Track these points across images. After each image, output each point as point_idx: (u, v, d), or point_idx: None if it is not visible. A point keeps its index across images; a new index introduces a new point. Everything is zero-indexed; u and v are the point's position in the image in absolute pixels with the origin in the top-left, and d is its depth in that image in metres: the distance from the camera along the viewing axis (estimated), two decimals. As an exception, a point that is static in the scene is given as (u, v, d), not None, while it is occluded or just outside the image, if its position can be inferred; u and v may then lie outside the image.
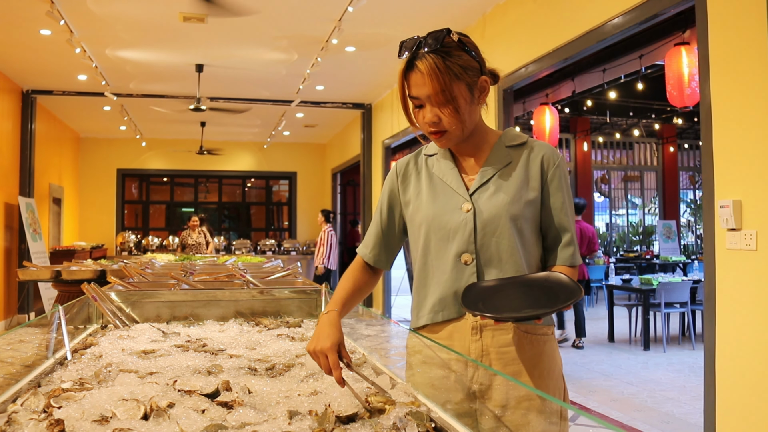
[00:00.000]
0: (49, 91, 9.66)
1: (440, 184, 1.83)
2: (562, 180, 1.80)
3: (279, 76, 8.94)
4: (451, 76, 1.65)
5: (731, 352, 3.33)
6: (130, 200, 14.98)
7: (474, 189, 1.78)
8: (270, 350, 1.99)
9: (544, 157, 1.80)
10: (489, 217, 1.74)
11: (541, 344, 1.77)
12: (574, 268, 1.79)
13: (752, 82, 3.21)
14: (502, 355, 1.73)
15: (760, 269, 3.15)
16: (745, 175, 3.25)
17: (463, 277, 1.75)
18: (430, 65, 1.63)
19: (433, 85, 1.64)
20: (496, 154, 1.81)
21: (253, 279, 3.50)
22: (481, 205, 1.75)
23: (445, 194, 1.81)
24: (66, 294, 4.87)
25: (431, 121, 1.70)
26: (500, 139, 1.83)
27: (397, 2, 6.17)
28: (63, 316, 2.09)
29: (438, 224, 1.79)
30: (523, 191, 1.76)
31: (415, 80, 1.68)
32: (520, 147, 1.82)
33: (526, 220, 1.76)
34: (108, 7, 6.24)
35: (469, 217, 1.75)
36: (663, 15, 4.03)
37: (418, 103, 1.71)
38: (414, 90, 1.69)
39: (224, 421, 1.26)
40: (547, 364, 1.77)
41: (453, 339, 1.78)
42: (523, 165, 1.79)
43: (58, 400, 1.35)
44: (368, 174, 10.91)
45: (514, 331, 1.74)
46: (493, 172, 1.78)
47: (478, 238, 1.74)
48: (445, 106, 1.67)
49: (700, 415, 3.67)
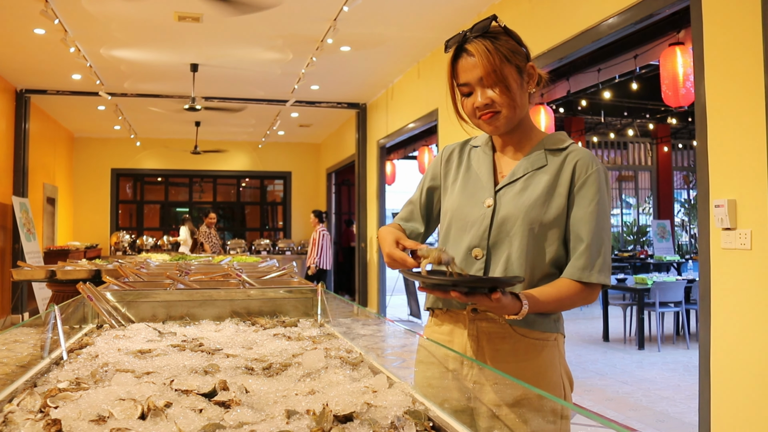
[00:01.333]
0: (43, 91, 9.64)
1: (474, 176, 1.85)
2: (591, 189, 1.73)
3: (274, 75, 8.94)
4: (501, 56, 1.68)
5: (726, 351, 3.35)
6: (125, 200, 14.96)
7: (501, 185, 1.78)
8: (266, 350, 1.98)
9: (578, 164, 1.76)
10: (506, 216, 1.73)
11: (540, 350, 1.75)
12: (583, 284, 1.71)
13: (747, 81, 3.22)
14: (496, 357, 1.74)
15: (754, 269, 3.16)
16: (740, 175, 3.27)
17: (470, 271, 1.75)
18: (481, 47, 1.67)
19: (485, 64, 1.67)
20: (534, 154, 1.80)
21: (248, 279, 3.49)
22: (503, 203, 1.75)
23: (475, 186, 1.83)
24: (61, 294, 4.85)
25: (483, 103, 1.71)
26: (543, 140, 1.82)
27: (392, 2, 6.18)
28: (58, 316, 2.08)
29: (459, 215, 1.81)
30: (548, 196, 1.74)
31: (464, 66, 1.71)
32: (560, 152, 1.79)
33: (546, 226, 1.73)
34: (102, 6, 6.23)
35: (488, 212, 1.76)
36: (658, 15, 4.04)
37: (467, 91, 1.73)
38: (463, 76, 1.72)
39: (222, 420, 1.25)
40: (542, 370, 1.74)
41: (453, 335, 1.80)
42: (556, 170, 1.76)
43: (54, 400, 1.34)
44: (363, 174, 10.90)
45: (510, 334, 1.73)
46: (525, 171, 1.77)
47: (492, 235, 1.74)
48: (497, 86, 1.69)
49: (695, 413, 3.68)
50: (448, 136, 7.17)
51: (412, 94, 8.70)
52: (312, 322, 2.56)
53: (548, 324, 1.77)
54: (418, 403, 1.41)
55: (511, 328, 1.73)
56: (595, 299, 1.80)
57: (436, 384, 1.78)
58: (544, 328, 1.76)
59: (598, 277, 1.70)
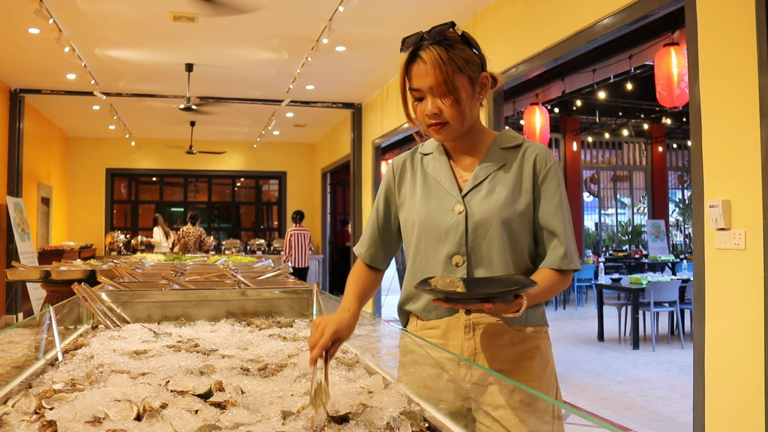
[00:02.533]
0: (37, 90, 9.61)
1: (434, 184, 1.83)
2: (553, 182, 1.77)
3: (269, 75, 8.92)
4: (454, 67, 1.65)
5: (720, 350, 3.35)
6: (119, 200, 14.92)
7: (467, 190, 1.77)
8: (262, 350, 1.98)
9: (537, 159, 1.78)
10: (480, 220, 1.73)
11: (534, 343, 1.76)
12: (561, 272, 1.75)
13: (741, 82, 3.23)
14: (495, 354, 1.73)
15: (749, 269, 3.17)
16: (735, 175, 3.28)
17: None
18: (434, 56, 1.64)
19: (436, 74, 1.64)
20: (491, 155, 1.80)
21: (243, 279, 3.49)
22: (473, 207, 1.74)
23: (439, 195, 1.80)
24: (55, 294, 4.84)
25: (432, 112, 1.69)
26: (496, 140, 1.83)
27: (388, 2, 6.17)
28: (53, 317, 2.08)
29: (430, 225, 1.78)
30: (515, 194, 1.75)
31: (417, 72, 1.68)
32: (515, 149, 1.81)
33: (518, 223, 1.75)
34: (97, 5, 6.21)
35: (461, 219, 1.74)
36: (652, 16, 4.05)
37: (418, 96, 1.71)
38: (416, 81, 1.69)
39: (218, 421, 1.25)
40: (540, 364, 1.77)
41: (448, 338, 1.78)
42: (517, 167, 1.78)
43: (49, 402, 1.35)
44: (358, 174, 10.90)
45: (507, 330, 1.74)
46: (487, 173, 1.77)
47: (470, 240, 1.74)
48: (447, 97, 1.67)
49: (690, 413, 3.69)
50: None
51: (407, 94, 8.68)
52: (307, 323, 2.57)
53: (538, 317, 1.80)
54: (413, 404, 1.41)
55: (507, 325, 1.74)
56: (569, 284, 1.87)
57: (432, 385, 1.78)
58: (537, 322, 1.79)
59: (576, 263, 1.77)
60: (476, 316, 1.75)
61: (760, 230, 3.11)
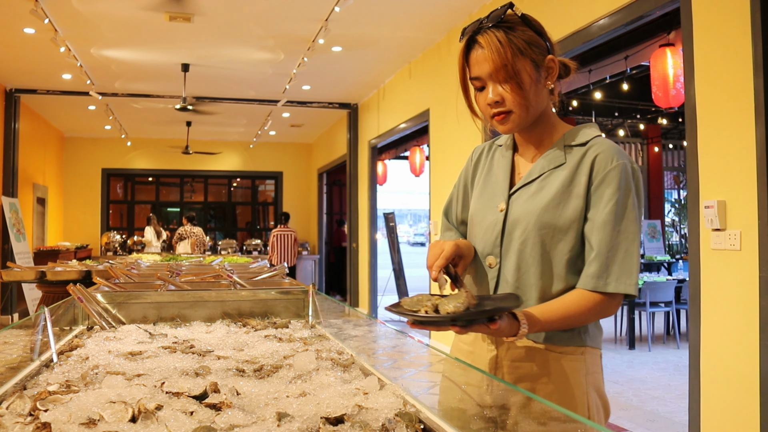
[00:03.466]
0: (33, 90, 9.60)
1: (493, 178, 1.75)
2: (610, 187, 1.56)
3: (265, 75, 8.92)
4: (514, 50, 1.54)
5: (716, 350, 3.36)
6: (115, 200, 14.91)
7: (516, 188, 1.66)
8: (258, 351, 1.98)
9: (596, 160, 1.59)
10: (516, 221, 1.62)
11: (562, 364, 1.61)
12: (597, 295, 1.54)
13: (737, 83, 3.24)
14: (515, 369, 1.64)
15: (744, 269, 3.18)
16: (730, 176, 3.28)
17: (485, 281, 1.66)
18: (492, 39, 1.55)
19: (495, 59, 1.54)
20: (553, 152, 1.65)
21: (239, 280, 3.49)
22: (515, 207, 1.64)
23: (492, 189, 1.72)
24: (51, 295, 4.83)
25: (494, 100, 1.58)
26: (564, 135, 1.67)
27: (384, 2, 6.17)
28: (48, 318, 2.07)
29: (477, 221, 1.72)
30: (563, 197, 1.59)
31: (476, 58, 1.59)
32: (580, 147, 1.63)
33: (560, 230, 1.58)
34: (93, 5, 6.20)
35: (500, 217, 1.65)
36: (648, 17, 4.05)
37: (479, 85, 1.61)
38: (475, 69, 1.60)
39: (213, 423, 1.25)
40: (564, 385, 1.60)
41: (475, 346, 1.72)
42: (573, 168, 1.61)
43: (44, 403, 1.34)
44: (354, 174, 10.90)
45: (530, 347, 1.62)
46: (541, 171, 1.64)
47: (504, 242, 1.63)
48: (508, 83, 1.56)
49: (685, 413, 3.69)
50: (440, 136, 7.17)
51: (403, 95, 8.70)
52: (303, 324, 2.56)
53: (571, 337, 1.63)
54: (409, 405, 1.41)
55: (531, 341, 1.63)
56: (615, 311, 1.60)
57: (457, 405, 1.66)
58: (567, 342, 1.62)
59: (616, 285, 1.52)
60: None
61: (755, 231, 3.12)
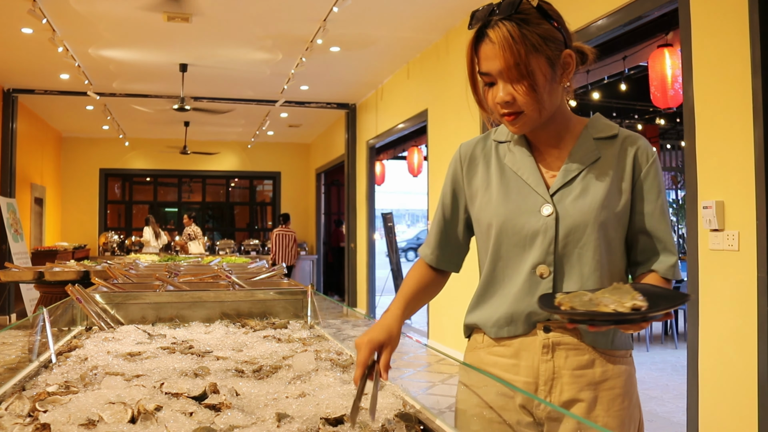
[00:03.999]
0: (30, 90, 9.59)
1: (514, 179, 1.57)
2: (657, 180, 1.53)
3: (263, 75, 8.92)
4: (528, 46, 1.40)
5: (714, 351, 3.37)
6: (113, 200, 14.89)
7: (556, 188, 1.52)
8: (257, 352, 1.98)
9: (638, 152, 1.54)
10: (574, 224, 1.48)
11: (618, 369, 1.53)
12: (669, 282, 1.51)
13: (735, 83, 3.24)
14: (576, 378, 1.49)
15: (742, 270, 3.19)
16: (728, 176, 3.29)
17: (536, 292, 1.50)
18: (503, 34, 1.40)
19: (506, 56, 1.40)
20: (583, 147, 1.55)
21: (238, 280, 3.49)
22: (565, 209, 1.50)
23: (521, 192, 1.55)
24: (49, 295, 4.82)
25: (504, 100, 1.45)
26: (586, 128, 1.57)
27: (382, 3, 6.18)
28: (47, 319, 2.07)
29: (512, 228, 1.53)
30: (613, 194, 1.51)
31: (485, 52, 1.44)
32: (611, 140, 1.56)
33: (615, 228, 1.51)
34: (91, 5, 6.20)
35: (550, 222, 1.49)
36: (647, 17, 4.06)
37: (489, 80, 1.47)
38: (484, 64, 1.46)
39: (212, 424, 1.25)
40: (626, 393, 1.53)
41: (520, 358, 1.54)
42: (614, 162, 1.53)
43: (43, 404, 1.34)
44: (352, 174, 10.90)
45: (590, 352, 1.51)
46: (579, 169, 1.52)
47: (559, 248, 1.49)
48: (520, 83, 1.42)
49: (683, 413, 3.70)
50: (438, 136, 7.18)
51: (401, 95, 8.70)
52: (302, 324, 2.57)
53: (626, 339, 1.57)
54: (408, 406, 1.41)
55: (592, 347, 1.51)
56: None
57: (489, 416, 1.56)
58: (623, 345, 1.56)
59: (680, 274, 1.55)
60: (556, 335, 1.51)
61: (753, 231, 3.12)
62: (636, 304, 1.22)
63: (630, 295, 1.25)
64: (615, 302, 1.24)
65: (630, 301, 1.23)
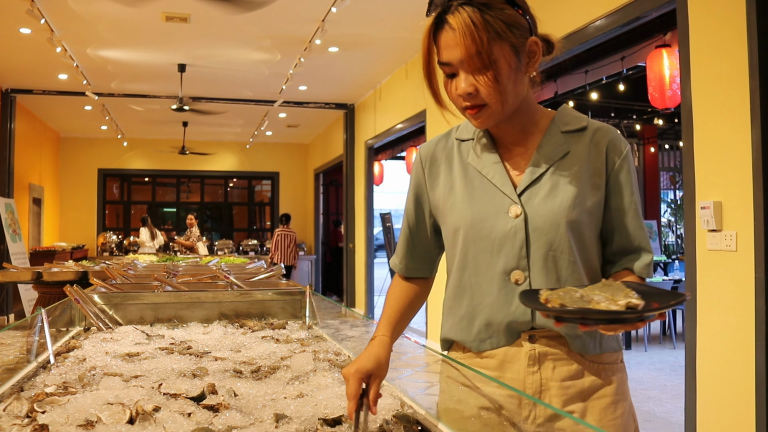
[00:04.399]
0: (29, 91, 9.58)
1: (478, 179, 1.48)
2: (630, 174, 1.45)
3: (262, 76, 8.92)
4: (491, 33, 1.30)
5: (712, 351, 3.37)
6: (112, 200, 14.88)
7: (523, 188, 1.43)
8: (255, 352, 1.98)
9: (610, 145, 1.45)
10: (544, 226, 1.40)
11: (611, 375, 1.46)
12: (644, 281, 1.43)
13: (733, 84, 3.25)
14: (565, 390, 1.42)
15: (740, 270, 3.19)
16: (726, 177, 3.29)
17: (513, 300, 1.42)
18: (464, 20, 1.29)
19: (467, 44, 1.29)
20: (550, 141, 1.45)
21: (236, 280, 3.49)
22: (534, 210, 1.41)
23: (486, 193, 1.45)
24: (47, 296, 4.82)
25: (466, 92, 1.34)
26: (553, 121, 1.48)
27: (381, 3, 6.18)
28: (45, 319, 2.07)
29: (478, 232, 1.44)
30: (585, 190, 1.42)
31: (446, 41, 1.34)
32: (579, 132, 1.46)
33: (587, 225, 1.43)
34: (89, 5, 6.20)
35: (519, 224, 1.41)
36: (645, 18, 4.06)
37: (450, 71, 1.37)
38: (445, 53, 1.35)
39: (211, 424, 1.25)
40: (618, 401, 1.46)
41: (504, 370, 1.46)
42: (585, 156, 1.44)
43: (41, 405, 1.34)
44: (351, 174, 10.91)
45: (579, 361, 1.43)
46: (547, 165, 1.43)
47: (532, 251, 1.40)
48: (483, 73, 1.32)
49: (681, 413, 3.70)
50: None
51: (400, 95, 8.70)
52: (300, 324, 2.57)
53: (615, 342, 1.49)
54: (406, 407, 1.42)
55: (580, 355, 1.44)
56: None
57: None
58: (612, 348, 1.48)
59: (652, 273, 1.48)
60: (541, 345, 1.43)
61: (751, 232, 3.13)
62: (631, 302, 1.15)
63: (623, 292, 1.19)
64: (607, 300, 1.17)
65: (624, 298, 1.16)
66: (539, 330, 1.43)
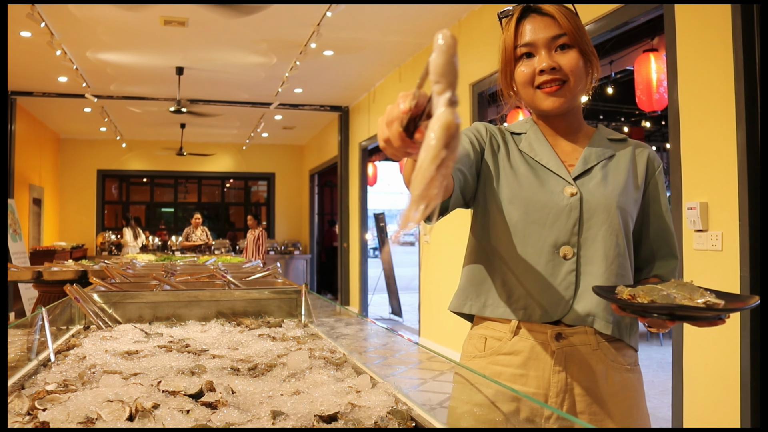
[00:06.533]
0: (29, 93, 9.59)
1: (534, 164, 1.54)
2: (664, 186, 1.58)
3: (258, 79, 8.95)
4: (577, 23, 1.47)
5: (698, 348, 3.42)
6: (110, 201, 14.89)
7: (578, 173, 1.51)
8: (252, 350, 1.98)
9: (650, 158, 1.58)
10: (597, 206, 1.46)
11: (631, 377, 1.49)
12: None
13: (718, 87, 3.30)
14: (588, 392, 1.44)
15: (725, 269, 3.24)
16: (712, 178, 3.34)
17: (559, 274, 1.45)
18: (560, 7, 1.46)
19: (564, 23, 1.44)
20: (598, 143, 1.56)
21: (233, 279, 3.51)
22: (589, 192, 1.47)
23: (542, 174, 1.51)
24: (47, 295, 4.84)
25: (549, 66, 1.45)
26: (599, 130, 1.61)
27: (375, 8, 6.22)
28: (46, 318, 2.08)
29: (535, 204, 1.47)
30: (629, 186, 1.52)
31: (533, 26, 1.47)
32: (621, 142, 1.59)
33: (632, 216, 1.51)
34: (89, 9, 6.23)
35: (574, 202, 1.46)
36: (633, 23, 4.11)
37: (529, 51, 1.48)
38: (530, 35, 1.47)
39: (209, 421, 1.26)
40: (638, 403, 1.50)
41: (528, 368, 1.46)
42: (629, 160, 1.55)
43: (42, 402, 1.33)
44: (345, 175, 10.93)
45: (604, 363, 1.45)
46: (597, 160, 1.53)
47: (584, 229, 1.45)
48: (568, 51, 1.46)
49: (668, 409, 3.74)
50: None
51: (393, 98, 8.67)
52: (296, 323, 2.58)
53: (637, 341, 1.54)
54: (401, 403, 1.44)
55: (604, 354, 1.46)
56: None
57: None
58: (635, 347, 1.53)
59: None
60: (569, 343, 1.44)
61: (736, 232, 3.18)
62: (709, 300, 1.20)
63: (698, 292, 1.24)
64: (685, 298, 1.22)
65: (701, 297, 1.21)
66: (567, 328, 1.46)
